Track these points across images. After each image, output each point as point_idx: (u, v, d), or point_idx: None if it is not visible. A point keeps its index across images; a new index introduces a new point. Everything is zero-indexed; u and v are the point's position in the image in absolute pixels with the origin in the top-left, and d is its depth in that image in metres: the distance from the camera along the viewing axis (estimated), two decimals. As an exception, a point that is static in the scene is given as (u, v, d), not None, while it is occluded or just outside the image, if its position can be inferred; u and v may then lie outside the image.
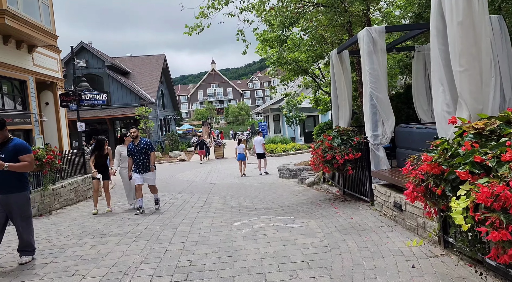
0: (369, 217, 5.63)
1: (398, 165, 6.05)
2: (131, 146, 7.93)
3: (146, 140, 7.95)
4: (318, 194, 8.81)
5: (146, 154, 7.88)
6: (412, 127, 5.44)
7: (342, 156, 6.51)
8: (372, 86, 6.04)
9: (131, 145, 7.93)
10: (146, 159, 7.88)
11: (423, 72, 8.03)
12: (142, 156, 7.83)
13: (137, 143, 7.85)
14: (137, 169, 7.87)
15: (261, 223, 6.09)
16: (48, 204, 9.06)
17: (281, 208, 7.33)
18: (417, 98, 8.09)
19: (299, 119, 28.84)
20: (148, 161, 7.89)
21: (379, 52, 5.98)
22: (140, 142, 7.86)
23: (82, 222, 7.22)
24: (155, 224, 6.55)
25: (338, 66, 7.88)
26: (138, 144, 7.84)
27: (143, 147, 7.83)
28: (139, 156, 7.81)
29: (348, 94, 7.94)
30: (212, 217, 7.00)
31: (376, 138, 6.13)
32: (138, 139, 7.89)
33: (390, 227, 5.04)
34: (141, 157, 7.82)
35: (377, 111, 6.11)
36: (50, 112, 15.73)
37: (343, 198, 7.47)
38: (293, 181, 12.34)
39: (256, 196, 9.61)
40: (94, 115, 28.73)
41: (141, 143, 7.84)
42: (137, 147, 7.84)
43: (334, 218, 5.86)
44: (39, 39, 13.43)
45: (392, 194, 5.19)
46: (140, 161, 7.83)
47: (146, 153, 7.88)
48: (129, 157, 8.00)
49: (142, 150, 7.82)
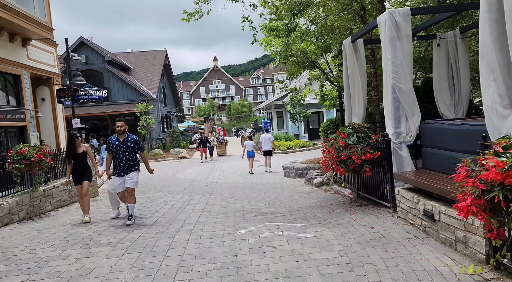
0: (393, 227, 4.93)
1: (424, 166, 5.35)
2: (114, 141, 6.63)
3: (135, 137, 6.75)
4: (328, 196, 8.12)
5: (132, 153, 6.64)
6: (443, 124, 4.75)
7: (359, 156, 5.81)
8: (395, 77, 5.34)
9: (115, 141, 6.63)
10: (132, 160, 6.66)
11: (446, 63, 7.32)
12: (127, 156, 6.59)
13: (122, 139, 6.60)
14: (117, 170, 6.60)
15: (269, 231, 5.42)
16: (38, 206, 8.43)
17: (289, 213, 6.65)
18: (439, 92, 7.38)
19: (303, 115, 28.14)
20: (133, 163, 6.68)
21: (403, 38, 5.27)
22: (127, 139, 6.63)
23: (72, 228, 6.57)
24: (151, 231, 5.88)
25: (352, 56, 7.17)
26: (124, 140, 6.60)
27: (129, 146, 6.60)
28: (122, 155, 6.57)
29: (363, 88, 7.24)
30: (214, 222, 6.33)
31: (399, 136, 5.44)
32: (125, 136, 6.65)
33: (420, 240, 4.35)
34: (125, 157, 6.58)
35: (400, 105, 5.41)
36: (47, 108, 15.09)
37: (358, 202, 6.78)
38: (300, 180, 11.66)
39: (261, 197, 8.94)
40: (94, 112, 28.13)
41: (127, 140, 6.62)
42: (122, 144, 6.58)
43: (352, 226, 5.17)
44: (34, 32, 12.76)
45: (421, 201, 4.50)
46: (123, 162, 6.57)
47: (133, 152, 6.65)
48: (108, 153, 6.76)
49: (128, 148, 6.59)
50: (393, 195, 5.48)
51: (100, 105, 28.77)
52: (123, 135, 6.65)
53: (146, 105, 26.10)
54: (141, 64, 34.77)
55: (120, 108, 28.40)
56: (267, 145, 14.68)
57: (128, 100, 29.12)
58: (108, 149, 6.74)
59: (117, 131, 6.62)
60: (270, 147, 14.72)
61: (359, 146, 5.95)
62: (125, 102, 29.02)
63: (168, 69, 38.22)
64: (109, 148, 6.71)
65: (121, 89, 29.56)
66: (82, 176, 7.26)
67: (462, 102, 7.37)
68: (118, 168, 6.61)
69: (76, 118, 12.12)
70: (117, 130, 6.59)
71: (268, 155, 14.70)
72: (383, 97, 5.87)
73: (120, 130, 6.57)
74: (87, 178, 7.33)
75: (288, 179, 12.51)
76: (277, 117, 33.82)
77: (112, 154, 6.71)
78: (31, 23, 12.19)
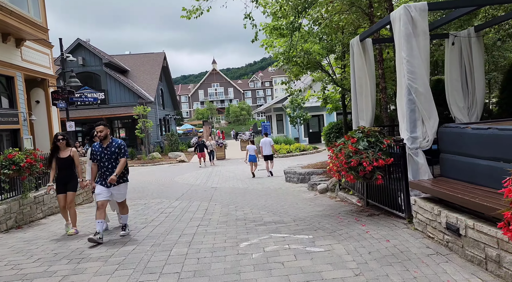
0: (410, 240, 4.52)
1: (443, 174, 4.95)
2: (97, 148, 5.96)
3: (119, 142, 6.02)
4: (334, 204, 7.70)
5: (118, 160, 5.96)
6: (465, 128, 4.35)
7: (370, 162, 5.40)
8: (410, 77, 4.94)
9: (98, 147, 5.96)
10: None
11: (459, 64, 6.94)
12: (112, 163, 5.91)
13: (106, 145, 5.93)
14: (103, 179, 5.93)
15: (274, 244, 4.99)
16: (28, 214, 7.99)
17: (294, 222, 6.23)
18: (451, 94, 6.99)
19: (304, 119, 27.77)
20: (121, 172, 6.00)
21: (419, 35, 4.88)
22: (111, 144, 5.94)
23: (61, 239, 6.12)
24: (146, 243, 5.45)
25: (360, 56, 6.78)
26: (107, 146, 5.92)
27: (114, 151, 5.92)
28: (107, 162, 5.89)
29: (371, 90, 6.85)
30: (214, 233, 5.91)
31: (414, 141, 5.03)
32: (108, 141, 5.95)
33: (443, 257, 3.93)
34: (111, 164, 5.90)
35: (416, 108, 5.01)
36: (41, 111, 14.68)
37: (368, 211, 6.36)
38: (302, 186, 11.25)
39: (263, 204, 8.52)
40: (91, 114, 27.70)
41: (111, 146, 5.93)
42: (106, 150, 5.90)
43: (365, 239, 4.75)
44: (27, 32, 12.37)
45: (443, 212, 4.09)
46: (109, 171, 5.90)
47: (118, 158, 5.97)
48: (93, 162, 6.05)
49: (113, 154, 5.90)
50: (409, 204, 5.07)
51: (97, 108, 28.37)
52: (106, 141, 5.96)
53: (144, 108, 25.68)
54: (139, 66, 34.39)
55: (118, 111, 27.99)
56: (267, 149, 14.54)
57: (125, 103, 28.71)
58: (92, 158, 6.03)
59: (98, 137, 5.91)
60: (271, 151, 14.61)
61: (370, 151, 5.54)
62: (122, 105, 28.61)
63: (167, 72, 37.85)
64: (92, 156, 6.01)
65: (119, 91, 29.15)
66: (67, 184, 6.62)
67: (476, 105, 6.99)
68: (103, 178, 5.92)
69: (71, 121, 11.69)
70: (98, 136, 5.89)
71: (269, 159, 14.57)
72: (396, 99, 5.47)
73: (101, 135, 5.86)
74: (72, 187, 6.65)
75: (290, 184, 12.10)
76: (277, 120, 33.45)
77: (97, 163, 5.99)
78: (25, 23, 11.81)
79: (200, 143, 20.55)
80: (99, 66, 28.76)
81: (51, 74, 14.82)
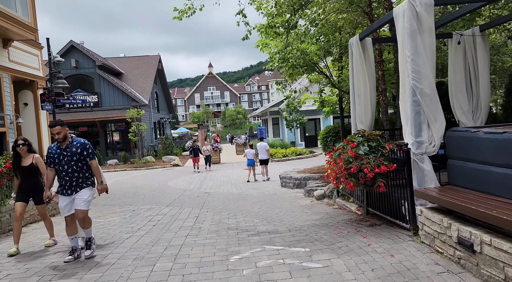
0: (417, 255, 4.11)
1: (451, 182, 4.56)
2: (54, 150, 5.03)
3: (82, 141, 5.12)
4: (332, 212, 7.30)
5: (81, 163, 5.03)
6: (476, 132, 3.98)
7: (372, 168, 5.01)
8: (415, 77, 4.57)
9: (55, 149, 5.04)
10: (81, 172, 5.04)
11: (463, 64, 6.59)
12: (73, 167, 4.97)
13: (65, 146, 5.01)
14: (64, 187, 5.01)
15: (267, 258, 4.57)
16: (7, 222, 7.50)
17: (290, 233, 5.81)
18: (455, 96, 6.63)
19: (300, 122, 27.43)
20: (84, 176, 5.07)
21: (425, 32, 4.51)
22: (72, 144, 5.02)
23: (38, 251, 5.66)
24: (128, 256, 5.01)
25: (360, 56, 6.41)
26: (67, 147, 4.99)
27: (75, 152, 4.98)
28: (67, 166, 4.95)
29: (371, 92, 6.48)
30: (203, 244, 5.47)
31: (420, 146, 4.65)
32: (68, 141, 5.03)
33: (455, 276, 3.53)
34: (71, 168, 4.96)
35: (421, 110, 4.63)
36: (29, 113, 14.20)
37: (368, 221, 5.96)
38: (298, 191, 10.85)
39: (257, 211, 8.10)
40: (83, 117, 27.20)
41: (72, 146, 5.00)
42: (65, 152, 4.98)
43: (367, 254, 4.34)
44: (15, 32, 11.94)
45: (454, 225, 3.69)
46: (69, 176, 4.96)
47: (81, 162, 5.03)
48: (49, 168, 5.10)
49: (74, 156, 4.97)
50: (414, 214, 4.67)
51: (90, 110, 27.88)
52: (65, 142, 5.02)
53: (137, 111, 25.22)
54: (133, 69, 33.94)
55: (111, 114, 27.50)
56: (263, 154, 14.36)
57: (119, 106, 28.22)
58: (48, 162, 5.09)
59: (57, 140, 5.03)
60: (267, 155, 14.46)
61: (372, 157, 5.16)
62: (116, 108, 28.13)
63: (162, 75, 37.42)
64: (48, 159, 5.07)
65: (112, 94, 28.67)
66: (30, 194, 5.86)
67: (480, 109, 6.64)
68: (63, 185, 5.02)
69: (57, 124, 11.18)
70: (56, 139, 5.00)
71: (265, 164, 14.39)
72: (399, 101, 5.09)
73: (60, 138, 4.96)
74: (38, 200, 5.85)
75: (286, 189, 11.70)
76: (273, 124, 33.09)
77: (53, 168, 5.06)
78: (12, 23, 11.39)
79: (195, 147, 20.03)
80: (92, 69, 28.28)
81: (41, 76, 14.36)
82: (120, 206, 9.93)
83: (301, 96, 17.31)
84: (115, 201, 11.04)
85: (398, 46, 4.98)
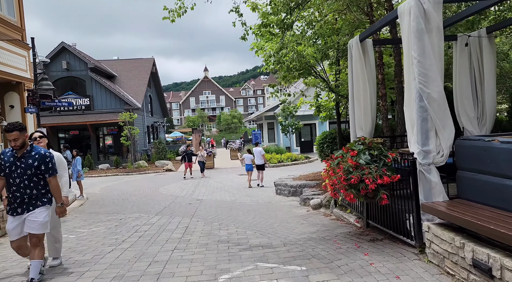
0: (425, 277, 3.70)
1: (461, 195, 4.18)
2: (6, 157, 4.29)
3: (43, 152, 4.33)
4: (329, 223, 6.89)
5: (37, 178, 4.28)
6: (491, 141, 3.61)
7: (374, 179, 4.62)
8: (422, 80, 4.20)
9: (8, 156, 4.28)
10: (35, 189, 4.28)
11: (468, 68, 6.24)
12: (25, 181, 4.22)
13: (21, 155, 4.26)
14: (13, 205, 4.25)
15: (259, 277, 4.15)
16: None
17: (285, 247, 5.39)
18: (460, 102, 6.28)
19: (295, 127, 27.08)
20: (38, 193, 4.30)
21: (433, 31, 4.15)
22: (29, 154, 4.27)
23: (9, 267, 5.19)
24: (107, 275, 4.56)
25: (359, 59, 6.04)
26: (23, 156, 4.26)
27: (31, 165, 4.23)
28: (18, 179, 4.21)
29: (371, 96, 6.10)
30: (190, 260, 5.04)
31: (427, 155, 4.27)
32: (25, 149, 4.28)
33: (472, 303, 3.14)
34: (23, 182, 4.22)
35: (428, 116, 4.26)
36: (16, 116, 13.64)
37: (369, 234, 5.55)
38: (294, 200, 10.44)
39: (250, 221, 7.67)
40: (75, 121, 26.64)
41: (30, 156, 4.26)
42: (19, 162, 4.23)
43: (370, 274, 3.93)
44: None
45: (468, 246, 3.29)
46: (20, 191, 4.21)
47: (37, 176, 4.28)
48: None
49: (29, 169, 4.22)
50: (420, 230, 4.28)
51: (82, 114, 27.33)
52: (22, 150, 4.25)
53: (130, 115, 24.71)
54: (127, 72, 33.44)
55: (103, 117, 26.95)
56: (259, 159, 14.04)
57: (111, 109, 27.69)
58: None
59: (14, 148, 4.23)
60: (263, 161, 14.13)
61: (373, 166, 4.77)
62: (108, 111, 27.59)
63: (156, 78, 36.94)
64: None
65: (105, 97, 28.14)
66: None
67: (486, 116, 6.29)
68: (13, 201, 4.23)
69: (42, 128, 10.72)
70: (13, 146, 4.20)
71: (261, 169, 14.09)
72: (404, 106, 4.71)
73: (17, 145, 4.17)
74: None
75: (281, 197, 11.29)
76: (268, 129, 32.72)
77: (3, 176, 4.28)
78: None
79: (189, 152, 19.35)
80: (84, 71, 27.76)
81: (28, 78, 13.84)
82: (107, 214, 9.45)
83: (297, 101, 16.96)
84: (103, 208, 10.56)
85: (403, 47, 4.62)
